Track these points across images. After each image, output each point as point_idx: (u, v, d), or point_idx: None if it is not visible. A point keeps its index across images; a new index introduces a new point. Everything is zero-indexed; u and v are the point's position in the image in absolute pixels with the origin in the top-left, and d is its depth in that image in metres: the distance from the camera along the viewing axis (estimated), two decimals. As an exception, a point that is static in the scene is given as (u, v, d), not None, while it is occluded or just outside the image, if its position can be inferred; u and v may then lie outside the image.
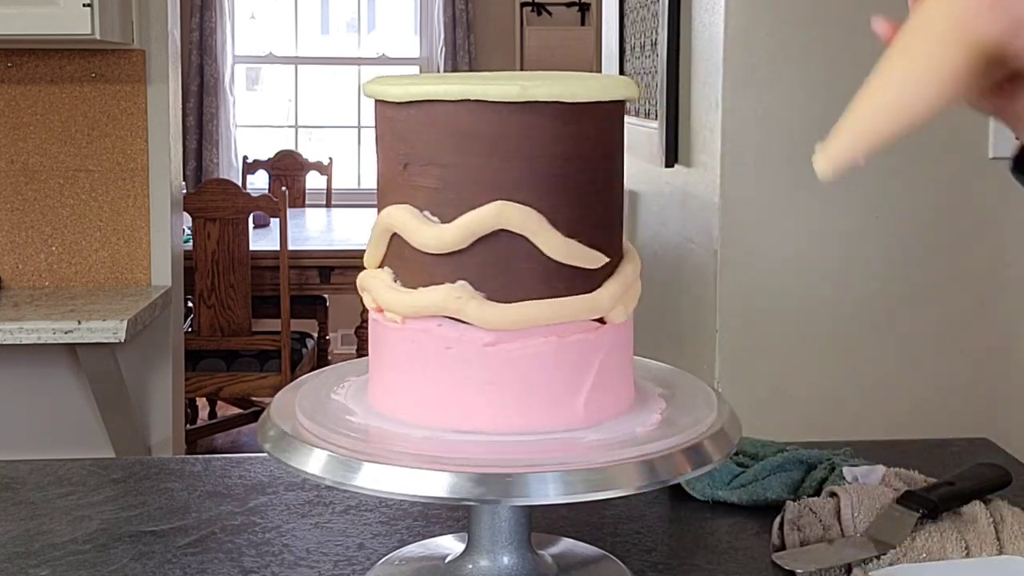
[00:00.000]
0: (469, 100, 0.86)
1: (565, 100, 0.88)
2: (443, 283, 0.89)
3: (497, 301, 0.88)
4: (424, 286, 0.90)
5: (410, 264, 0.91)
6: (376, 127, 0.95)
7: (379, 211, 0.96)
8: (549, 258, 0.88)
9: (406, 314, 0.91)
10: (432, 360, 0.90)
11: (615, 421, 0.93)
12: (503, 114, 0.87)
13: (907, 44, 0.85)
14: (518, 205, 0.87)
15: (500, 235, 0.87)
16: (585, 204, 0.90)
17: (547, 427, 0.90)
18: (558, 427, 0.90)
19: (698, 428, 0.91)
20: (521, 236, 0.88)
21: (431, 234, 0.88)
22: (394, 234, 0.92)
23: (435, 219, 0.89)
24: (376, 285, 0.94)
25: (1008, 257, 2.04)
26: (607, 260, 0.92)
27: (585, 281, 0.91)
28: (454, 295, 0.88)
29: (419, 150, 0.90)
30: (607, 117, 0.92)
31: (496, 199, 0.87)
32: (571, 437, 0.89)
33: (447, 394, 0.90)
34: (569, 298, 0.90)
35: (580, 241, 0.90)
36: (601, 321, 0.92)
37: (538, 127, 0.88)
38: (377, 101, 0.93)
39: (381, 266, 0.95)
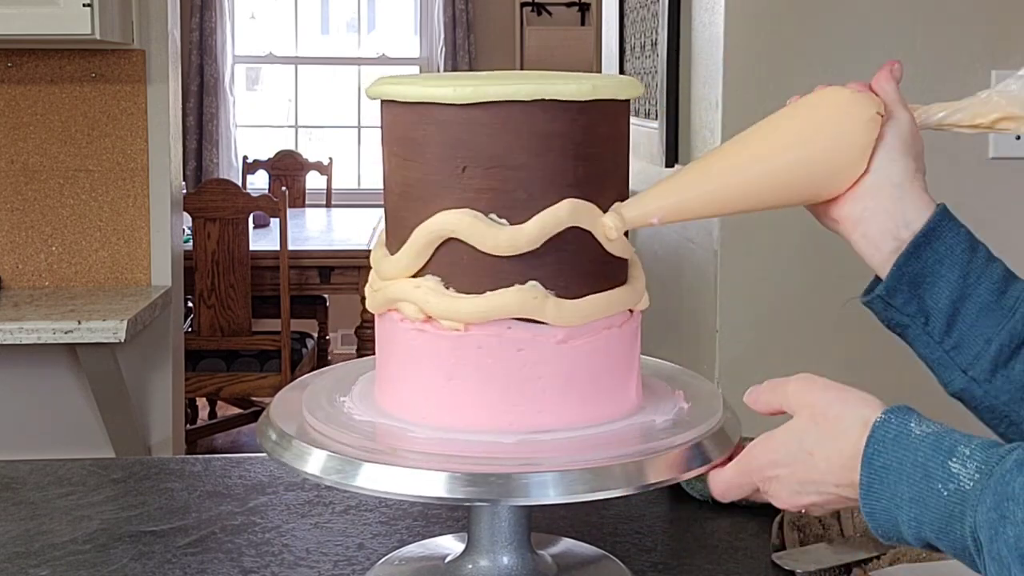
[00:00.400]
0: (544, 100, 0.86)
1: (620, 97, 0.91)
2: (512, 285, 0.87)
3: (565, 298, 0.89)
4: (490, 290, 0.87)
5: (468, 269, 0.88)
6: (409, 131, 0.90)
7: (391, 218, 0.92)
8: (603, 252, 0.90)
9: (469, 320, 0.87)
10: (501, 363, 0.88)
11: (655, 405, 0.96)
12: (574, 113, 0.87)
13: (751, 139, 0.92)
14: (587, 202, 0.88)
15: (567, 233, 0.88)
16: (621, 197, 0.93)
17: (612, 416, 0.92)
18: (620, 415, 0.93)
19: (708, 424, 0.92)
20: (587, 232, 0.89)
21: (504, 236, 0.86)
22: (447, 240, 0.88)
23: (503, 221, 0.87)
24: (422, 294, 0.89)
25: (1008, 257, 2.04)
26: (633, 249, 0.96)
27: (620, 271, 0.94)
28: (530, 296, 0.87)
29: (482, 152, 0.87)
30: (627, 113, 0.95)
31: (564, 197, 0.88)
32: (639, 423, 0.92)
33: (520, 396, 0.88)
34: (618, 289, 0.92)
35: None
36: (629, 310, 0.95)
37: (602, 124, 0.90)
38: (413, 104, 0.89)
39: (419, 275, 0.90)
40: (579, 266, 0.89)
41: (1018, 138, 1.97)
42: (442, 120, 0.87)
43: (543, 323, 0.88)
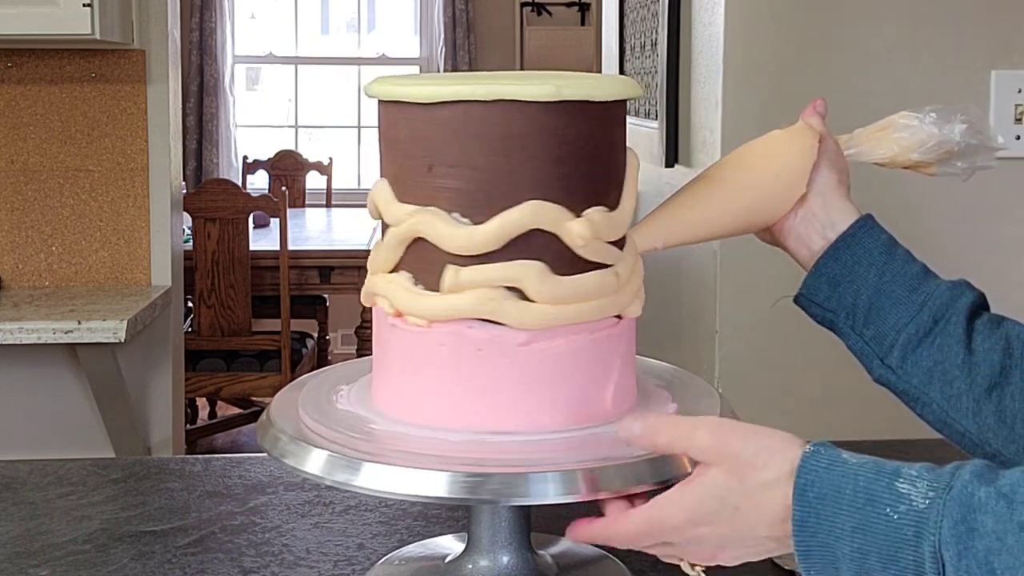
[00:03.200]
0: (503, 100, 0.85)
1: (594, 99, 0.88)
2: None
3: (529, 301, 0.88)
4: (453, 290, 0.88)
5: (435, 266, 0.88)
6: (388, 128, 0.92)
7: (387, 215, 0.93)
8: (575, 257, 0.89)
9: (433, 318, 0.88)
10: (463, 362, 0.88)
11: (636, 414, 0.92)
12: (535, 114, 0.86)
13: (732, 170, 1.02)
14: (552, 204, 0.87)
15: (534, 235, 0.87)
16: (604, 202, 0.91)
17: (579, 423, 0.90)
18: (589, 423, 0.90)
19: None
20: (552, 234, 0.87)
21: (464, 236, 0.86)
22: (416, 238, 0.89)
23: (465, 220, 0.87)
24: (394, 290, 0.91)
25: (1008, 256, 2.04)
26: (623, 255, 0.93)
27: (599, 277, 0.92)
28: (488, 297, 0.87)
29: (448, 151, 0.87)
30: (619, 115, 0.93)
31: (527, 199, 0.86)
32: (603, 432, 0.90)
33: (478, 396, 0.89)
34: (597, 296, 0.90)
35: (602, 238, 0.90)
36: (618, 316, 0.93)
37: (569, 126, 0.88)
38: (391, 103, 0.90)
39: (395, 270, 0.92)
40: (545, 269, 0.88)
41: (1018, 138, 1.97)
42: (410, 118, 0.89)
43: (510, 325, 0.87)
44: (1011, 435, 0.91)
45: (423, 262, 0.89)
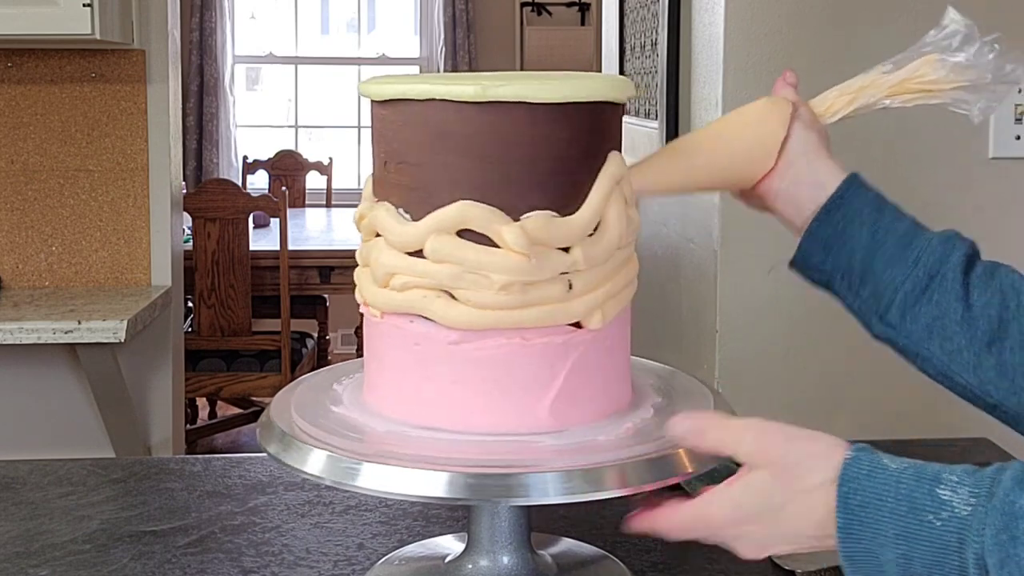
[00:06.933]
0: (435, 100, 0.86)
1: (529, 100, 0.86)
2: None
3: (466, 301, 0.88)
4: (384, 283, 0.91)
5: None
6: (374, 124, 0.96)
7: (359, 209, 0.97)
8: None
9: (383, 309, 0.92)
10: (402, 355, 0.91)
11: (583, 427, 0.90)
12: (468, 114, 0.86)
13: (711, 132, 1.04)
14: (482, 205, 0.86)
15: (467, 235, 0.86)
16: (554, 207, 0.88)
17: (510, 429, 0.89)
18: (521, 430, 0.89)
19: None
20: (486, 236, 0.86)
21: (399, 232, 0.89)
22: (376, 232, 0.93)
23: (407, 217, 0.90)
24: (362, 280, 0.95)
25: (1008, 257, 2.04)
26: (577, 262, 0.89)
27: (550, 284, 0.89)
28: (420, 294, 0.88)
29: (396, 148, 0.90)
30: (574, 117, 0.88)
31: (461, 199, 0.86)
32: (530, 441, 0.88)
33: (413, 390, 0.90)
34: (538, 303, 0.87)
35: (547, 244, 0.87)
36: (578, 325, 0.90)
37: (501, 127, 0.86)
38: (374, 102, 0.94)
39: (365, 264, 0.96)
40: None
41: (1018, 138, 1.97)
42: (375, 115, 0.93)
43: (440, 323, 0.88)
44: (1012, 387, 0.93)
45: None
